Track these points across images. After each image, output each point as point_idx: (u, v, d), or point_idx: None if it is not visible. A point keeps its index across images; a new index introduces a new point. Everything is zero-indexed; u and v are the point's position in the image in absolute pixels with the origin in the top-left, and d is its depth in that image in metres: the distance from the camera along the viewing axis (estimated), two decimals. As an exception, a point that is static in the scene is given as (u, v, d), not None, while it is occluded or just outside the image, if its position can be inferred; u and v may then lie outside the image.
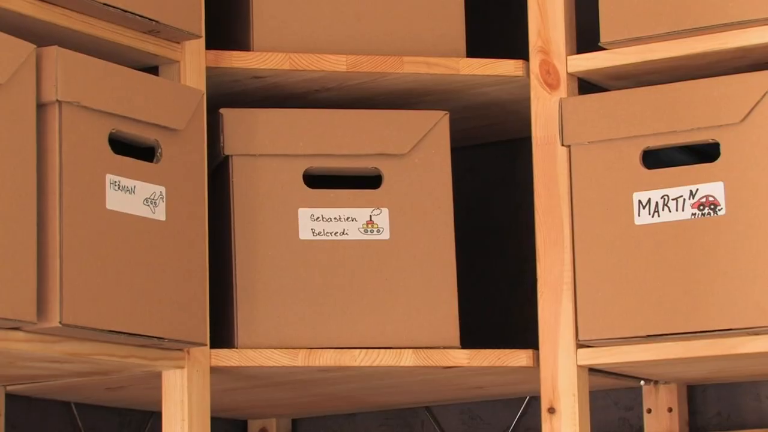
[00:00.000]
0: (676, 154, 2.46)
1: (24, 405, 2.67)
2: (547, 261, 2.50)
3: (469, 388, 2.82)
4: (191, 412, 2.39)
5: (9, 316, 2.03)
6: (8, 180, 2.08)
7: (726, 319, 2.35)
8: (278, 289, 2.51)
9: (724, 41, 2.40)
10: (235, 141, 2.52)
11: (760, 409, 2.77)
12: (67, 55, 2.17)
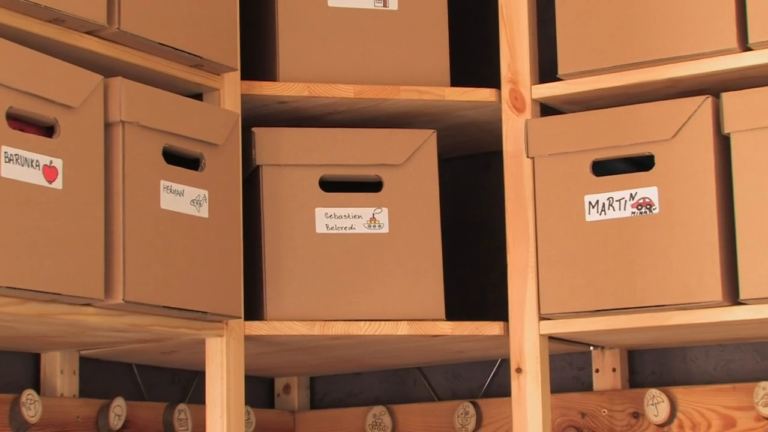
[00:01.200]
0: (620, 164, 2.44)
1: (94, 366, 2.65)
2: (515, 251, 2.49)
3: (452, 352, 2.82)
4: (229, 372, 2.39)
5: (82, 294, 2.05)
6: (82, 184, 2.08)
7: (659, 297, 2.35)
8: (299, 273, 2.50)
9: (658, 74, 2.40)
10: (264, 153, 2.51)
11: (686, 369, 2.77)
12: (129, 84, 2.17)
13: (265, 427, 2.96)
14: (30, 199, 1.98)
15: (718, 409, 2.64)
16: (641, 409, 2.69)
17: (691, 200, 2.35)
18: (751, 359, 2.72)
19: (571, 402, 2.79)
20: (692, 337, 2.64)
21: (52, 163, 2.02)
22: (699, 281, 2.31)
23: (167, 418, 2.70)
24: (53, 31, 2.08)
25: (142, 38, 2.21)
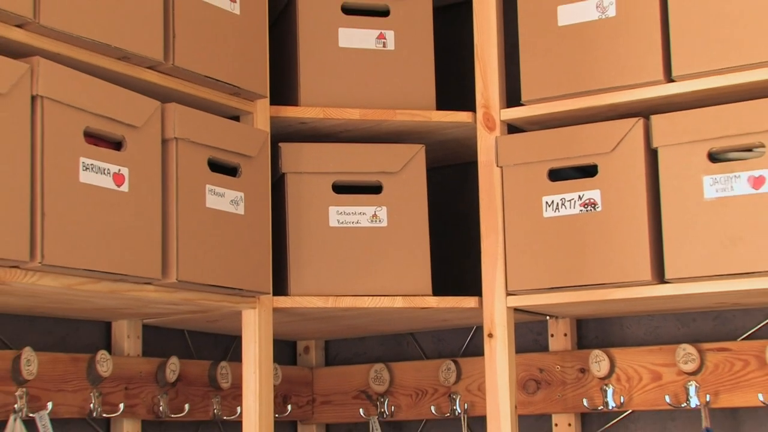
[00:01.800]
0: (570, 172, 2.43)
1: (154, 332, 2.65)
2: (487, 240, 2.49)
3: (438, 321, 2.82)
4: (260, 337, 2.38)
5: (144, 275, 2.06)
6: (144, 188, 2.08)
7: (601, 277, 2.35)
8: (316, 258, 2.49)
9: (600, 100, 2.39)
10: (288, 163, 2.51)
11: (622, 334, 2.76)
12: (181, 108, 2.17)
13: (289, 380, 2.94)
14: (102, 199, 1.99)
15: (648, 365, 2.63)
16: (587, 366, 2.67)
17: (626, 200, 2.34)
18: (673, 326, 2.71)
19: (532, 360, 2.76)
20: (627, 309, 2.63)
21: (120, 171, 2.02)
22: (633, 264, 2.31)
23: (212, 373, 2.70)
24: (121, 66, 2.09)
25: (191, 72, 2.21)
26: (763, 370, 2.50)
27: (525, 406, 2.74)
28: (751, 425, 2.62)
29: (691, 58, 2.31)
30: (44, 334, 2.43)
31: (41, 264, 1.87)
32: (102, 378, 2.40)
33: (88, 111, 1.98)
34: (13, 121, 1.85)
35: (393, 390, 2.95)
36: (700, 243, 2.26)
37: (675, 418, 2.69)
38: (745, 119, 2.24)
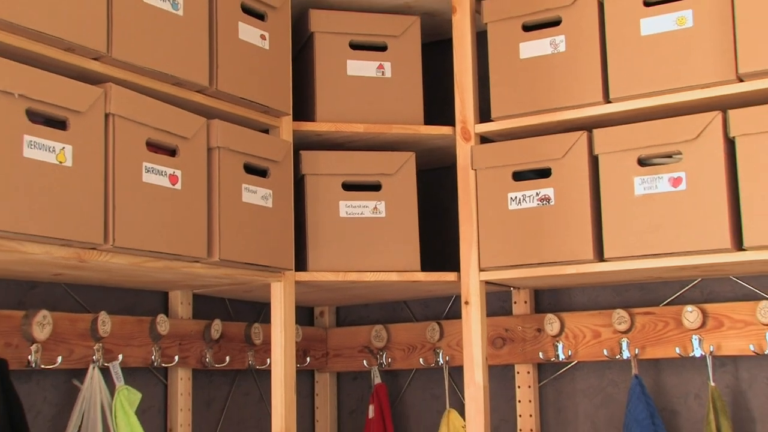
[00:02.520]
0: (529, 174, 2.42)
1: (202, 300, 2.65)
2: (464, 227, 2.48)
3: (425, 291, 2.81)
4: (285, 304, 2.39)
5: (193, 255, 2.07)
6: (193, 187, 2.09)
7: (554, 257, 2.35)
8: (329, 242, 2.49)
9: (553, 117, 2.39)
10: (307, 167, 2.50)
11: (570, 301, 2.75)
12: (223, 123, 2.18)
13: (308, 338, 2.94)
14: (160, 195, 2.00)
15: (590, 326, 2.63)
16: (542, 326, 2.67)
17: (574, 196, 2.34)
18: (610, 295, 2.71)
19: (499, 322, 2.76)
20: (574, 282, 2.61)
21: (174, 172, 2.03)
22: (579, 247, 2.31)
23: (247, 332, 2.70)
24: (176, 90, 2.10)
25: (230, 94, 2.22)
26: (679, 329, 2.51)
27: (493, 358, 2.73)
28: (669, 372, 2.62)
29: (624, 84, 2.31)
30: (116, 301, 2.43)
31: (113, 246, 1.89)
32: (161, 336, 2.41)
33: (150, 125, 1.99)
34: (91, 133, 1.87)
35: (390, 346, 2.94)
36: (631, 230, 2.27)
37: (611, 367, 2.69)
38: (666, 133, 2.25)
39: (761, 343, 2.41)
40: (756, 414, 2.50)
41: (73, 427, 2.15)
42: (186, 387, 2.55)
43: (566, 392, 2.75)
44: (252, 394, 2.85)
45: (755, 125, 2.14)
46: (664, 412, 2.59)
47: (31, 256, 1.79)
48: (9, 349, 2.04)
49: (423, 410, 2.99)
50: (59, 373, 2.24)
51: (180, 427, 2.52)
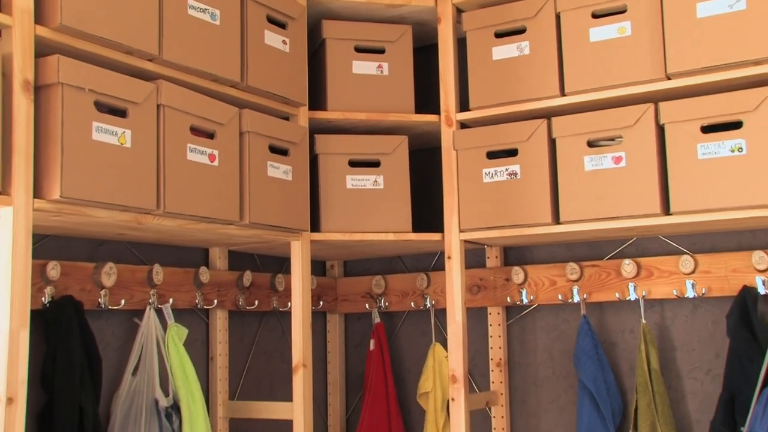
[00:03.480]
0: (500, 153, 2.42)
1: (235, 255, 2.64)
2: (448, 197, 2.48)
3: (416, 248, 2.79)
4: (302, 258, 2.39)
5: (228, 218, 2.08)
6: (228, 164, 2.09)
7: (520, 220, 2.35)
8: (338, 208, 2.48)
9: (519, 107, 2.39)
10: (320, 148, 2.50)
11: (532, 256, 2.74)
12: (252, 113, 2.18)
13: (321, 286, 2.93)
14: (201, 171, 2.01)
15: (548, 276, 2.64)
16: (510, 277, 2.67)
17: (536, 172, 2.34)
18: (565, 251, 2.70)
19: (475, 273, 2.75)
20: (536, 241, 2.59)
21: (212, 152, 2.04)
22: (539, 213, 2.32)
23: (272, 281, 2.69)
24: (214, 85, 2.11)
25: (258, 88, 2.22)
26: (618, 278, 2.52)
27: (470, 302, 2.73)
28: (610, 312, 2.62)
29: (576, 81, 2.31)
30: (167, 255, 2.43)
31: (164, 212, 1.91)
32: (203, 284, 2.42)
33: (193, 114, 2.01)
34: (145, 120, 1.88)
35: (387, 292, 2.94)
36: (581, 199, 2.27)
37: (564, 309, 2.70)
38: (610, 120, 2.25)
39: (682, 289, 2.44)
40: (676, 344, 2.53)
41: (135, 355, 2.18)
42: (223, 325, 2.55)
43: (528, 329, 2.76)
44: (276, 331, 2.86)
45: (680, 114, 2.16)
46: (606, 344, 2.61)
47: (99, 220, 1.81)
48: (83, 293, 2.07)
49: (414, 344, 2.99)
50: (123, 313, 2.26)
51: (219, 356, 2.54)
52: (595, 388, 2.44)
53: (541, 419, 2.70)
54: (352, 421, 3.05)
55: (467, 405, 2.44)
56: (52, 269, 1.99)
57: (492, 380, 2.74)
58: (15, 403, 1.59)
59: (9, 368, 1.59)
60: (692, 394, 2.48)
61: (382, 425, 2.83)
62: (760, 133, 2.06)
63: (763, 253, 2.32)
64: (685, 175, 2.14)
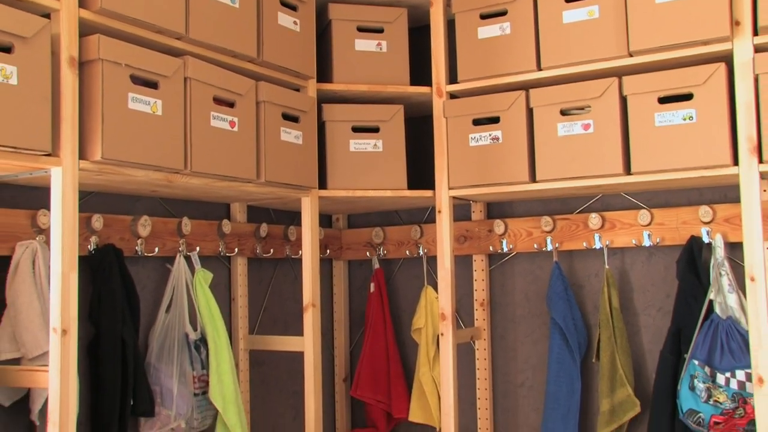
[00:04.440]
0: (484, 120, 2.41)
1: (253, 209, 2.64)
2: (439, 159, 2.47)
3: (410, 203, 2.76)
4: (311, 212, 2.39)
5: (246, 177, 2.09)
6: (245, 130, 2.08)
7: (501, 179, 2.34)
8: (342, 168, 2.48)
9: (501, 80, 2.38)
10: (327, 116, 2.49)
11: (512, 210, 2.73)
12: (267, 85, 2.17)
13: (328, 236, 2.94)
14: (223, 136, 2.02)
15: (525, 228, 2.64)
16: (492, 228, 2.68)
17: (515, 136, 2.32)
18: (540, 206, 2.70)
19: (462, 225, 2.75)
20: (515, 197, 2.58)
21: (233, 119, 2.05)
22: (518, 172, 2.31)
23: (285, 232, 2.71)
24: (233, 60, 2.10)
25: (272, 63, 2.22)
26: (586, 230, 2.54)
27: (457, 250, 2.75)
28: (578, 259, 2.64)
29: (551, 57, 2.30)
30: (194, 209, 2.44)
31: (191, 171, 1.93)
32: (225, 234, 2.44)
33: (215, 86, 2.01)
34: (174, 91, 1.89)
35: (385, 242, 2.94)
36: (555, 160, 2.28)
37: (539, 256, 2.71)
38: (580, 92, 2.26)
39: (639, 239, 2.46)
40: (634, 286, 2.55)
41: (167, 296, 2.22)
42: (243, 270, 2.58)
43: (508, 274, 2.78)
44: (289, 275, 2.86)
45: (640, 87, 2.17)
46: (574, 287, 2.63)
47: (135, 178, 1.84)
48: (123, 242, 2.11)
49: (408, 286, 2.99)
50: (156, 259, 2.28)
51: (239, 297, 2.56)
52: (564, 324, 2.48)
53: (517, 351, 2.73)
54: (355, 353, 3.07)
55: (454, 339, 2.47)
56: (96, 221, 2.03)
57: (476, 318, 2.77)
58: (68, 334, 1.64)
59: (62, 305, 1.64)
60: (646, 328, 2.52)
61: (381, 356, 2.86)
62: (708, 104, 2.08)
63: (708, 208, 2.36)
64: (644, 140, 2.16)
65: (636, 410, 2.37)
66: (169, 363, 2.13)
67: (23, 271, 1.78)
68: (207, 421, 2.22)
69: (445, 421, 2.44)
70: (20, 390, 1.84)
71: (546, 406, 2.52)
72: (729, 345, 2.13)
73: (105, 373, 1.95)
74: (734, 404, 2.10)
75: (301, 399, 2.80)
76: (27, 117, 1.56)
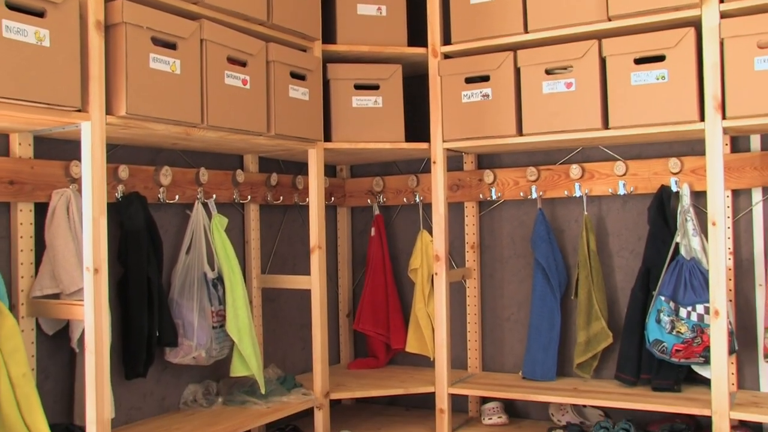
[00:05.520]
0: (476, 78, 2.39)
1: (264, 160, 2.61)
2: (434, 115, 2.46)
3: (407, 155, 2.73)
4: (317, 163, 2.39)
5: (258, 130, 2.09)
6: (258, 88, 2.07)
7: (490, 132, 2.36)
8: (344, 123, 2.46)
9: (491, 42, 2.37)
10: (331, 74, 2.48)
11: (500, 161, 2.72)
12: (276, 45, 2.17)
13: (332, 185, 2.90)
14: (236, 92, 2.02)
15: (512, 178, 2.64)
16: (482, 178, 2.67)
17: (504, 94, 2.33)
18: (525, 158, 2.69)
19: (454, 175, 2.72)
20: (503, 149, 2.56)
21: (245, 77, 2.05)
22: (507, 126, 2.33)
23: (293, 181, 2.69)
24: (244, 23, 2.09)
25: (281, 26, 2.21)
26: (567, 179, 2.55)
27: (451, 198, 2.74)
28: (560, 206, 2.64)
29: (537, 22, 2.30)
30: (210, 160, 2.44)
31: (207, 125, 1.94)
32: (239, 183, 2.45)
33: (229, 46, 2.01)
34: (191, 52, 1.90)
35: (384, 190, 2.93)
36: (540, 116, 2.29)
37: (524, 203, 2.72)
38: (564, 53, 2.26)
39: (615, 188, 2.49)
40: (609, 230, 2.58)
41: (187, 239, 2.24)
42: (255, 215, 2.58)
43: (496, 219, 2.78)
44: (297, 221, 2.84)
45: (618, 49, 2.18)
46: (556, 231, 2.65)
47: (157, 132, 1.86)
48: (146, 190, 2.13)
49: (405, 231, 2.98)
50: (177, 206, 2.30)
51: (252, 240, 2.57)
52: (546, 265, 2.52)
53: (504, 289, 2.77)
54: (357, 290, 3.09)
55: (447, 278, 2.50)
56: (122, 171, 2.05)
57: (467, 259, 2.79)
58: (100, 273, 1.69)
59: (94, 247, 1.68)
60: (619, 269, 2.56)
61: (381, 293, 2.89)
62: (679, 65, 2.09)
63: (676, 160, 2.38)
64: (621, 97, 2.17)
65: (609, 341, 2.44)
66: (189, 299, 2.17)
67: (59, 216, 1.82)
68: (224, 351, 2.27)
69: (439, 352, 2.49)
70: (61, 321, 1.90)
71: (529, 337, 2.57)
72: (691, 283, 2.19)
73: (133, 307, 2.01)
74: (693, 334, 2.17)
75: (308, 332, 2.84)
76: (59, 76, 1.59)
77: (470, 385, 2.53)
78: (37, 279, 1.82)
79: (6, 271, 1.82)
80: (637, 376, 2.35)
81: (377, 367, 2.92)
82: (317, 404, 2.41)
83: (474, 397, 2.76)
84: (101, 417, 1.67)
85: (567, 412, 2.54)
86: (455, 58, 2.49)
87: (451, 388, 2.49)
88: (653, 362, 2.31)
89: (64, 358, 1.95)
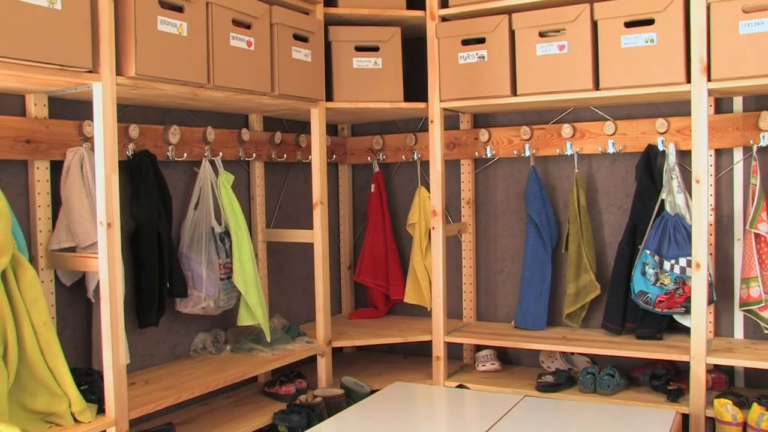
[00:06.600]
0: (472, 41, 2.38)
1: (270, 119, 2.60)
2: (431, 75, 2.45)
3: (406, 114, 2.71)
4: (319, 122, 2.40)
5: (262, 90, 2.10)
6: (262, 48, 2.05)
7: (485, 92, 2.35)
8: (347, 84, 2.46)
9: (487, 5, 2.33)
10: (333, 36, 2.47)
11: (495, 120, 2.73)
12: (279, 8, 2.14)
13: (334, 143, 2.89)
14: (241, 54, 2.02)
15: (506, 136, 2.65)
16: (478, 137, 2.67)
17: (499, 55, 2.33)
18: (519, 117, 2.69)
19: (451, 134, 2.72)
20: (498, 109, 2.57)
21: (248, 39, 2.04)
22: (501, 87, 2.33)
23: (297, 140, 2.69)
24: None
25: None
26: (559, 138, 2.56)
27: (447, 155, 2.75)
28: (552, 164, 2.65)
29: None
30: (217, 120, 2.44)
31: (213, 85, 1.95)
32: (245, 141, 2.45)
33: (234, 9, 2.01)
34: (198, 15, 1.90)
35: (384, 148, 2.93)
36: (533, 77, 2.29)
37: (518, 161, 2.73)
38: (557, 16, 2.26)
39: (605, 147, 2.50)
40: (599, 187, 2.60)
41: (195, 195, 2.26)
42: (260, 172, 2.60)
43: (491, 176, 2.79)
44: (300, 177, 2.85)
45: (609, 13, 2.18)
46: (548, 188, 2.67)
47: (165, 92, 1.87)
48: (156, 148, 2.14)
49: (404, 187, 2.98)
50: (185, 164, 2.32)
51: (257, 196, 2.59)
52: (539, 220, 2.55)
53: (498, 243, 2.80)
54: (358, 244, 3.11)
55: (444, 232, 2.53)
56: (133, 130, 2.06)
57: (462, 214, 2.81)
58: (113, 227, 1.72)
59: (107, 202, 1.71)
60: (608, 224, 2.59)
61: (380, 247, 2.92)
62: (668, 29, 2.09)
63: (663, 120, 2.40)
64: (612, 59, 2.17)
65: (597, 292, 2.48)
66: (198, 252, 2.20)
67: (73, 173, 1.84)
68: (232, 301, 2.30)
69: (435, 303, 2.53)
70: (77, 273, 1.94)
71: (521, 289, 2.61)
72: (675, 237, 2.23)
73: (145, 260, 2.04)
74: (676, 286, 2.21)
75: (311, 283, 2.87)
76: (71, 38, 1.59)
77: (465, 333, 2.57)
78: (54, 233, 1.85)
79: (25, 226, 1.85)
80: (623, 325, 2.40)
81: (377, 317, 2.96)
82: (320, 352, 2.46)
83: (468, 345, 2.80)
84: (117, 362, 1.72)
85: (556, 359, 2.60)
86: (452, 20, 2.48)
87: (447, 336, 2.53)
88: (638, 312, 2.35)
89: (82, 308, 1.99)
